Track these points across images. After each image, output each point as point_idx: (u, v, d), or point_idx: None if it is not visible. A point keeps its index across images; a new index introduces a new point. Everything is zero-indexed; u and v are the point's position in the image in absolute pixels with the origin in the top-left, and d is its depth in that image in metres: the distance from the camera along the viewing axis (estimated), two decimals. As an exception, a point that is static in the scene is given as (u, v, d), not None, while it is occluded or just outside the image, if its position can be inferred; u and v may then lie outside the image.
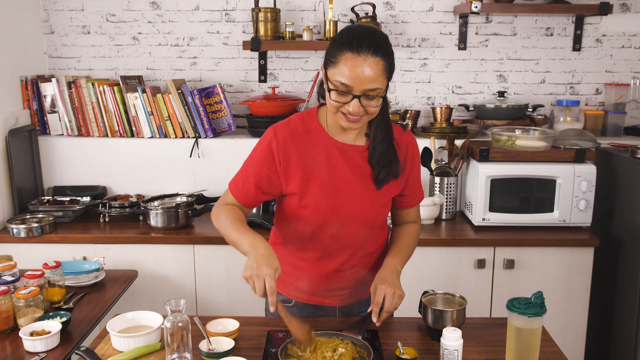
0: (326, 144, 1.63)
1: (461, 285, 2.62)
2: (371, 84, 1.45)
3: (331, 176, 1.62)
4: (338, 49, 1.47)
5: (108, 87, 2.99)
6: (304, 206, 1.63)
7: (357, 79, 1.44)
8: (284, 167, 1.61)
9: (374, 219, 1.70)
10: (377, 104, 1.50)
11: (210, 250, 2.65)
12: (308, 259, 1.73)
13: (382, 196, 1.67)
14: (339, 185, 1.63)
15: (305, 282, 1.75)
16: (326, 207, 1.63)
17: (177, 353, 1.48)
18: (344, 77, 1.45)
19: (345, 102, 1.48)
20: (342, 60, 1.46)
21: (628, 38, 3.16)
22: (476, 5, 2.83)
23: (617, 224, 2.74)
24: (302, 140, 1.62)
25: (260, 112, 2.99)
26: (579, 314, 2.67)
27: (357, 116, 1.51)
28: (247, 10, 3.14)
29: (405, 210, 1.81)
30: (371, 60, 1.44)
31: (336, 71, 1.47)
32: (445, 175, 2.88)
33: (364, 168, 1.64)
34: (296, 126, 1.64)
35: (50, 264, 2.00)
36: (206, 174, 3.04)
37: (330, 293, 1.76)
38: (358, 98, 1.47)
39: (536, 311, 1.43)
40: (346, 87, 1.46)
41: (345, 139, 1.64)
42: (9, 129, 2.80)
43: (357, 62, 1.44)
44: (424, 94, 3.23)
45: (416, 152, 1.74)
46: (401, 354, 1.51)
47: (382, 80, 1.47)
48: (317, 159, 1.62)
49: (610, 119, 3.12)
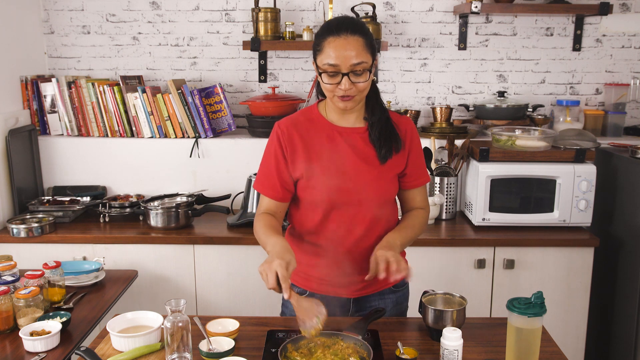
0: (327, 129, 1.74)
1: (461, 285, 2.62)
2: (356, 59, 1.59)
3: (334, 157, 1.71)
4: (321, 37, 1.63)
5: (108, 87, 2.99)
6: (311, 187, 1.71)
7: (342, 57, 1.58)
8: (290, 153, 1.72)
9: (381, 195, 1.74)
10: (365, 78, 1.62)
11: (210, 250, 2.65)
12: (321, 242, 1.76)
13: (386, 172, 1.73)
14: (342, 165, 1.70)
15: (319, 268, 1.77)
16: (332, 186, 1.69)
17: (177, 353, 1.48)
18: (331, 59, 1.59)
19: (337, 83, 1.61)
20: (326, 45, 1.61)
21: (628, 38, 3.16)
22: (476, 5, 2.83)
23: (617, 224, 2.74)
24: (304, 127, 1.75)
25: (260, 112, 2.99)
26: (579, 314, 2.67)
27: (350, 95, 1.62)
28: (247, 10, 3.14)
29: (411, 192, 1.82)
30: (351, 38, 1.60)
31: (323, 56, 1.61)
32: (445, 175, 2.88)
33: (366, 148, 1.73)
34: (298, 117, 1.78)
35: (50, 264, 2.00)
36: (206, 174, 3.04)
37: (344, 280, 1.77)
38: (347, 75, 1.60)
39: (536, 311, 1.43)
40: (334, 67, 1.59)
41: (345, 123, 1.74)
42: (9, 129, 2.80)
43: (339, 43, 1.59)
44: (424, 94, 3.23)
45: (415, 133, 1.80)
46: (401, 354, 1.51)
47: (365, 54, 1.60)
48: (320, 142, 1.72)
49: (610, 119, 3.12)
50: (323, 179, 1.70)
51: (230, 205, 2.90)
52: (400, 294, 1.89)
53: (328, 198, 1.70)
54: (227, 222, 2.77)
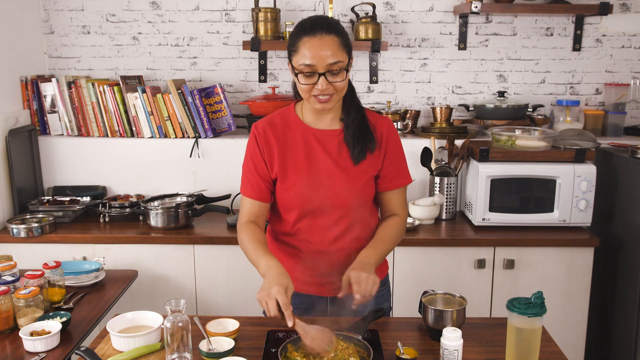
0: (303, 132, 1.74)
1: (461, 285, 2.62)
2: (332, 58, 1.58)
3: (308, 159, 1.71)
4: (296, 37, 1.62)
5: (108, 87, 2.99)
6: (286, 189, 1.71)
7: (318, 57, 1.57)
8: (267, 154, 1.72)
9: (354, 198, 1.72)
10: (342, 78, 1.61)
11: (210, 250, 2.65)
12: (296, 244, 1.76)
13: (360, 174, 1.72)
14: (315, 168, 1.71)
15: (296, 268, 1.77)
16: (305, 187, 1.69)
17: (177, 353, 1.48)
18: (306, 59, 1.58)
19: (314, 83, 1.60)
20: (301, 45, 1.60)
21: (628, 38, 3.16)
22: (476, 5, 2.83)
23: (617, 224, 2.74)
24: (280, 129, 1.74)
25: (260, 112, 2.99)
26: (579, 314, 2.67)
27: (327, 95, 1.61)
28: (247, 10, 3.14)
29: (387, 195, 1.80)
30: (327, 37, 1.58)
31: (299, 57, 1.60)
32: (445, 175, 2.88)
33: (341, 151, 1.72)
34: (274, 118, 1.77)
35: (50, 264, 2.00)
36: (206, 174, 3.04)
37: (321, 280, 1.77)
38: (324, 75, 1.58)
39: (536, 311, 1.43)
40: (310, 67, 1.58)
41: (321, 125, 1.74)
42: (9, 129, 2.80)
43: (314, 43, 1.58)
44: (424, 94, 3.23)
45: (392, 133, 1.78)
46: (401, 354, 1.51)
47: (340, 54, 1.59)
48: (295, 144, 1.72)
49: (610, 119, 3.12)
50: (296, 182, 1.70)
51: (230, 205, 2.91)
52: (379, 294, 1.84)
53: (301, 201, 1.70)
54: (227, 222, 2.77)
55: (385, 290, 1.91)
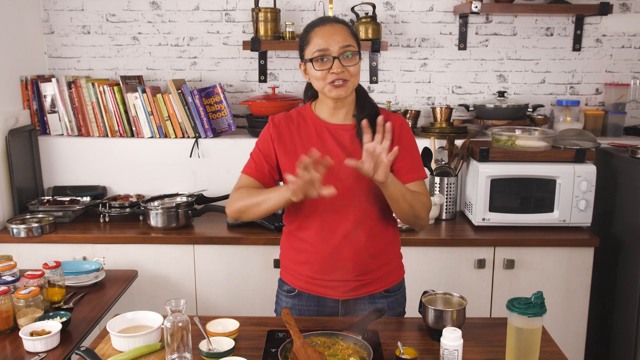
0: (316, 125, 1.78)
1: (461, 285, 2.62)
2: (344, 42, 1.66)
3: (320, 150, 1.67)
4: (307, 32, 1.71)
5: (108, 87, 2.99)
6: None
7: (330, 39, 1.65)
8: (278, 144, 1.77)
9: (366, 191, 1.72)
10: (355, 62, 1.68)
11: (210, 250, 2.65)
12: (308, 239, 1.76)
13: None
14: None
15: (308, 265, 1.77)
16: None
17: (177, 353, 1.48)
18: (319, 45, 1.66)
19: (328, 68, 1.65)
20: (313, 36, 1.68)
21: (628, 38, 3.16)
22: (476, 5, 2.83)
23: (617, 224, 2.74)
24: (295, 123, 1.80)
25: (260, 112, 2.99)
26: (579, 313, 2.67)
27: (342, 80, 1.66)
28: (247, 10, 3.14)
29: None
30: (337, 25, 1.69)
31: (312, 47, 1.68)
32: (445, 175, 2.88)
33: (353, 145, 1.74)
34: (292, 113, 1.84)
35: (50, 264, 2.00)
36: (206, 174, 3.04)
37: (331, 279, 1.76)
38: (337, 58, 1.65)
39: (536, 311, 1.43)
40: (324, 52, 1.65)
41: (334, 120, 1.78)
42: (9, 129, 2.80)
43: (326, 29, 1.68)
44: (424, 94, 3.23)
45: (405, 128, 1.80)
46: (401, 354, 1.51)
47: (351, 39, 1.69)
48: (308, 137, 1.77)
49: (610, 119, 3.12)
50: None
51: (230, 205, 2.90)
52: (392, 299, 1.85)
53: None
54: (227, 222, 2.77)
55: (399, 295, 1.89)
